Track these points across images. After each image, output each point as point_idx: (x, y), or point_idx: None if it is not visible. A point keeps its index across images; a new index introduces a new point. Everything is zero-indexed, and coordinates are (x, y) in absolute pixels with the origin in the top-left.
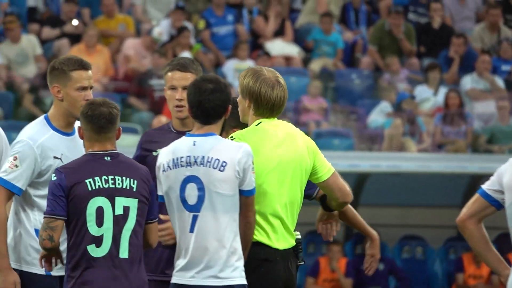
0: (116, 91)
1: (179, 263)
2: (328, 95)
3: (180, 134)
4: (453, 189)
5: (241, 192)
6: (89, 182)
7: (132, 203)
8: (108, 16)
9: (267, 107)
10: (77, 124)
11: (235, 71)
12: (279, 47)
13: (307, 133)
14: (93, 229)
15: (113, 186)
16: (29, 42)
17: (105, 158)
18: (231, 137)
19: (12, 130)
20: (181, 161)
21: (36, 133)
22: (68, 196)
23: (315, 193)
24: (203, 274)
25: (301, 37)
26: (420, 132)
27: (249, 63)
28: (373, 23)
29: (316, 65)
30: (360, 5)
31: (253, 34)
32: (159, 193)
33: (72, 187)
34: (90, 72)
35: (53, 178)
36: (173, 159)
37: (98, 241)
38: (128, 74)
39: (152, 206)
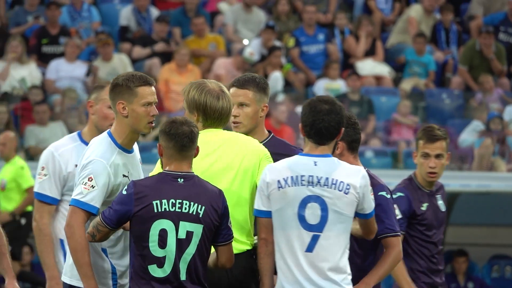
0: None
1: (287, 280)
2: (419, 114)
3: None
4: None
5: (362, 216)
6: (156, 203)
7: (197, 229)
8: (198, 36)
9: (215, 117)
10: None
11: (326, 90)
12: (369, 66)
13: (397, 153)
14: (155, 250)
15: (179, 210)
16: (121, 61)
17: (179, 179)
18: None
19: None
20: (302, 180)
21: (106, 151)
22: (133, 212)
23: None
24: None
25: (392, 57)
26: (510, 152)
27: (339, 83)
28: (464, 43)
29: (406, 85)
30: (450, 25)
31: (344, 54)
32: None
33: (139, 205)
34: (153, 88)
35: (124, 192)
36: (292, 177)
37: (159, 262)
38: None
39: (223, 229)
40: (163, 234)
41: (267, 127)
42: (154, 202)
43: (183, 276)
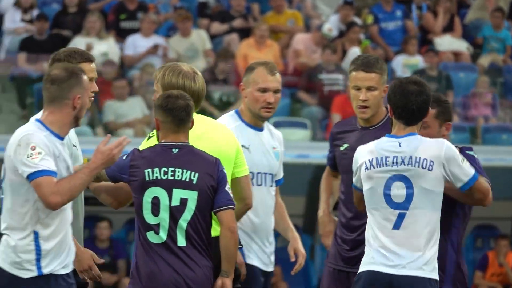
0: (285, 86)
1: (372, 255)
2: (497, 90)
3: (364, 130)
4: None
5: (462, 186)
6: (148, 172)
7: (191, 195)
8: (277, 12)
9: (192, 99)
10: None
11: (404, 66)
12: (447, 42)
13: (475, 128)
14: (149, 217)
15: (172, 177)
16: (199, 36)
17: (173, 150)
18: (152, 133)
19: None
20: (387, 161)
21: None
22: (129, 177)
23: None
24: (410, 266)
25: (470, 33)
26: None
27: (417, 59)
28: None
29: (484, 61)
30: None
31: (421, 30)
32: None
33: (132, 173)
34: (93, 64)
35: (124, 157)
36: (377, 158)
37: (154, 229)
38: (297, 69)
39: (221, 194)
40: (156, 202)
41: (345, 103)
42: (145, 171)
43: (181, 242)
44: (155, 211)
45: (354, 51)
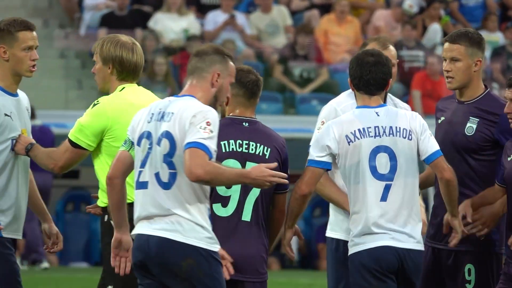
0: None
1: (360, 229)
2: None
3: (459, 104)
4: None
5: (429, 157)
6: (224, 144)
7: None
8: None
9: (130, 70)
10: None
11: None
12: None
13: None
14: (221, 189)
15: (246, 151)
16: (280, 12)
17: (244, 123)
18: (97, 101)
19: (261, 101)
20: (369, 131)
21: None
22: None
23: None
24: (401, 237)
25: None
26: None
27: (498, 35)
28: None
29: None
30: None
31: (502, 6)
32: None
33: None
34: (35, 32)
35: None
36: (360, 129)
37: (224, 201)
38: None
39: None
40: None
41: (425, 79)
42: (222, 143)
43: (247, 217)
44: None
45: (435, 28)
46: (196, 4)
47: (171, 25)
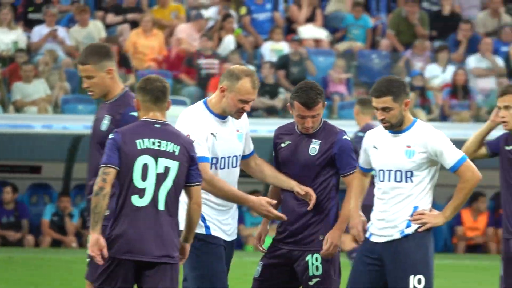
0: (168, 69)
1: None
2: (351, 72)
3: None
4: None
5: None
6: (139, 142)
7: (173, 165)
8: (162, 6)
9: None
10: None
11: (271, 51)
12: (310, 31)
13: (332, 106)
14: (138, 182)
15: (158, 148)
16: (95, 26)
17: (155, 125)
18: None
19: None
20: None
21: None
22: (120, 152)
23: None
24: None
25: (330, 22)
26: (429, 104)
27: (283, 45)
28: (392, 11)
29: (341, 46)
30: None
31: (287, 20)
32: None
33: (124, 145)
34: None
35: (110, 137)
36: None
37: (141, 193)
38: (179, 54)
39: (194, 170)
40: (145, 168)
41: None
42: (137, 141)
43: (161, 206)
44: (144, 176)
45: (229, 39)
46: (23, 20)
47: (1, 38)
